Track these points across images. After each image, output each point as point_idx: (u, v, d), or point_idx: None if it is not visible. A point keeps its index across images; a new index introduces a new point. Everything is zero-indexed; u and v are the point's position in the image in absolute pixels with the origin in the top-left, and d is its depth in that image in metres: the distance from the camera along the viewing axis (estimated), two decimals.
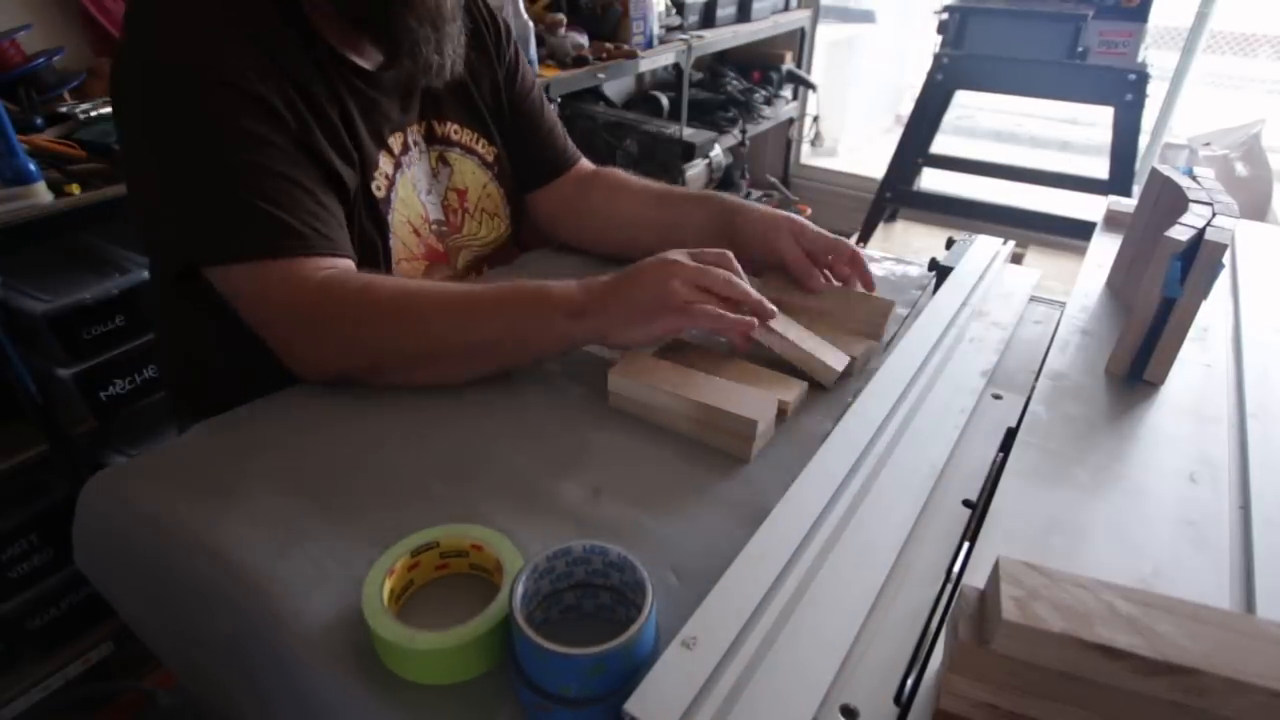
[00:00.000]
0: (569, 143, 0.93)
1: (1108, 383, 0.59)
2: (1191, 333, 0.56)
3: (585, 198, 0.89)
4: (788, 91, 2.83)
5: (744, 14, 2.45)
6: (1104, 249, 0.77)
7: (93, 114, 1.16)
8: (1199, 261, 0.52)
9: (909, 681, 0.36)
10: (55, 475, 1.14)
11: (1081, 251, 0.81)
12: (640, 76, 2.47)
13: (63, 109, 1.16)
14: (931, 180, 2.87)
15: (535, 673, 0.36)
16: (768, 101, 2.65)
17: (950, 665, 0.32)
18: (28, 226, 0.94)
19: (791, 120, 2.94)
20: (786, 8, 2.69)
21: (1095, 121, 3.10)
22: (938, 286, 0.76)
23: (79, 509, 0.55)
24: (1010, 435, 0.54)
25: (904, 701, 0.35)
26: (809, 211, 2.82)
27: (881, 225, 2.65)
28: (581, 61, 1.81)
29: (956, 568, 0.43)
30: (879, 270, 0.86)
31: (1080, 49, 2.06)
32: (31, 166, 0.95)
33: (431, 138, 0.80)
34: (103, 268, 1.10)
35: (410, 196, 0.77)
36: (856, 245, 0.76)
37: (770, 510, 0.44)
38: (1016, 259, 0.85)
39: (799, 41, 2.84)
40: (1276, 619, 0.32)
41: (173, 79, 0.59)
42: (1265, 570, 0.41)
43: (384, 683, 0.39)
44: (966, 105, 3.56)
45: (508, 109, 0.87)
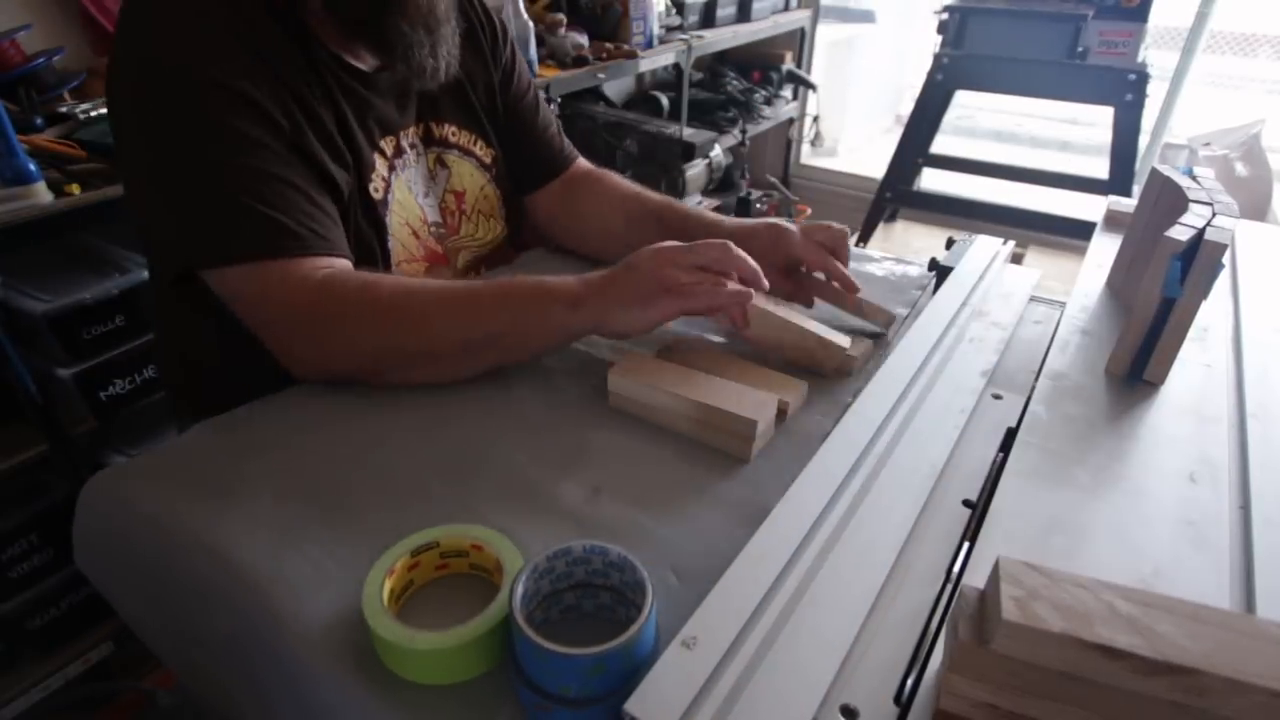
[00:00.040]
0: (566, 144, 0.93)
1: (1108, 383, 0.59)
2: (1191, 333, 0.56)
3: (575, 199, 0.90)
4: (788, 91, 2.83)
5: (744, 14, 2.45)
6: (1104, 249, 0.77)
7: (93, 114, 1.16)
8: (1199, 261, 0.52)
9: (909, 681, 0.36)
10: (55, 475, 1.14)
11: (1081, 251, 0.81)
12: (640, 76, 2.47)
13: (63, 109, 1.16)
14: (931, 180, 2.87)
15: (535, 673, 0.36)
16: (768, 101, 2.65)
17: (950, 665, 0.32)
18: (28, 226, 0.94)
19: (791, 120, 2.94)
20: (786, 8, 2.69)
21: (1095, 121, 3.10)
22: (938, 286, 0.76)
23: (79, 509, 0.55)
24: (1010, 435, 0.54)
25: (904, 701, 0.35)
26: (809, 212, 2.82)
27: (881, 225, 2.65)
28: (581, 61, 1.81)
29: (956, 568, 0.43)
30: (879, 270, 0.86)
31: (1080, 49, 2.06)
32: (31, 166, 0.95)
33: (429, 139, 0.80)
34: (103, 268, 1.10)
35: (407, 199, 0.77)
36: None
37: (770, 510, 0.44)
38: (1016, 259, 0.85)
39: (799, 41, 2.84)
40: (1276, 619, 0.32)
41: (167, 82, 0.59)
42: (1265, 570, 0.41)
43: (384, 683, 0.39)
44: (966, 105, 3.56)
45: (503, 111, 0.87)
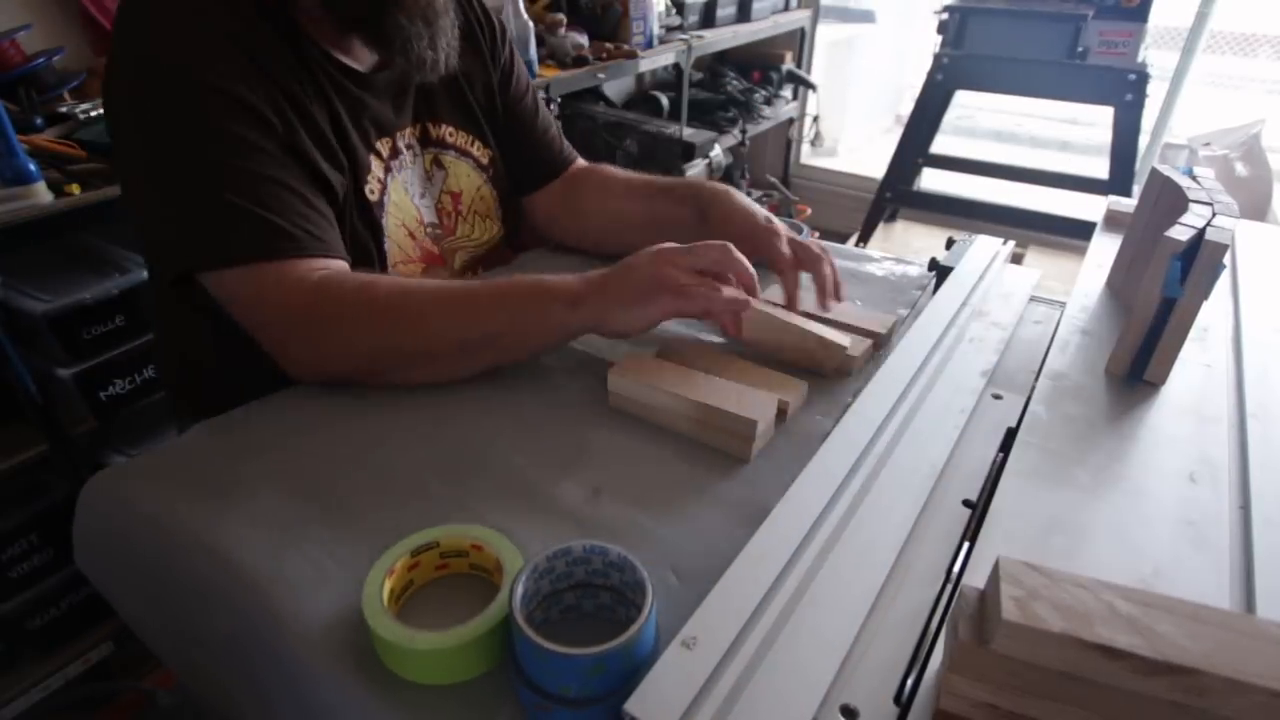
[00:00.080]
0: (564, 144, 0.93)
1: (1108, 383, 0.59)
2: (1191, 333, 0.56)
3: (576, 197, 0.90)
4: (788, 91, 2.83)
5: (744, 14, 2.45)
6: (1104, 249, 0.77)
7: (93, 114, 1.16)
8: (1199, 262, 0.52)
9: (909, 681, 0.36)
10: (55, 475, 1.14)
11: (1081, 251, 0.81)
12: (640, 76, 2.47)
13: (63, 109, 1.16)
14: (931, 180, 2.87)
15: (535, 673, 0.36)
16: (768, 101, 2.65)
17: (950, 665, 0.32)
18: (28, 226, 0.94)
19: (791, 120, 2.94)
20: (786, 8, 2.69)
21: (1095, 121, 3.09)
22: (938, 286, 0.76)
23: (79, 509, 0.55)
24: (1010, 435, 0.54)
25: (904, 701, 0.35)
26: (809, 212, 2.82)
27: (881, 225, 2.65)
28: (581, 61, 1.81)
29: (956, 568, 0.43)
30: (879, 270, 0.86)
31: (1080, 49, 2.06)
32: (31, 166, 0.95)
33: (426, 140, 0.80)
34: (103, 268, 1.10)
35: (403, 200, 0.77)
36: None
37: (770, 510, 0.44)
38: (1016, 259, 0.85)
39: (799, 41, 2.84)
40: (1276, 619, 0.32)
41: (164, 81, 0.59)
42: (1265, 570, 0.41)
43: (384, 683, 0.39)
44: (966, 105, 3.55)
45: (502, 113, 0.87)
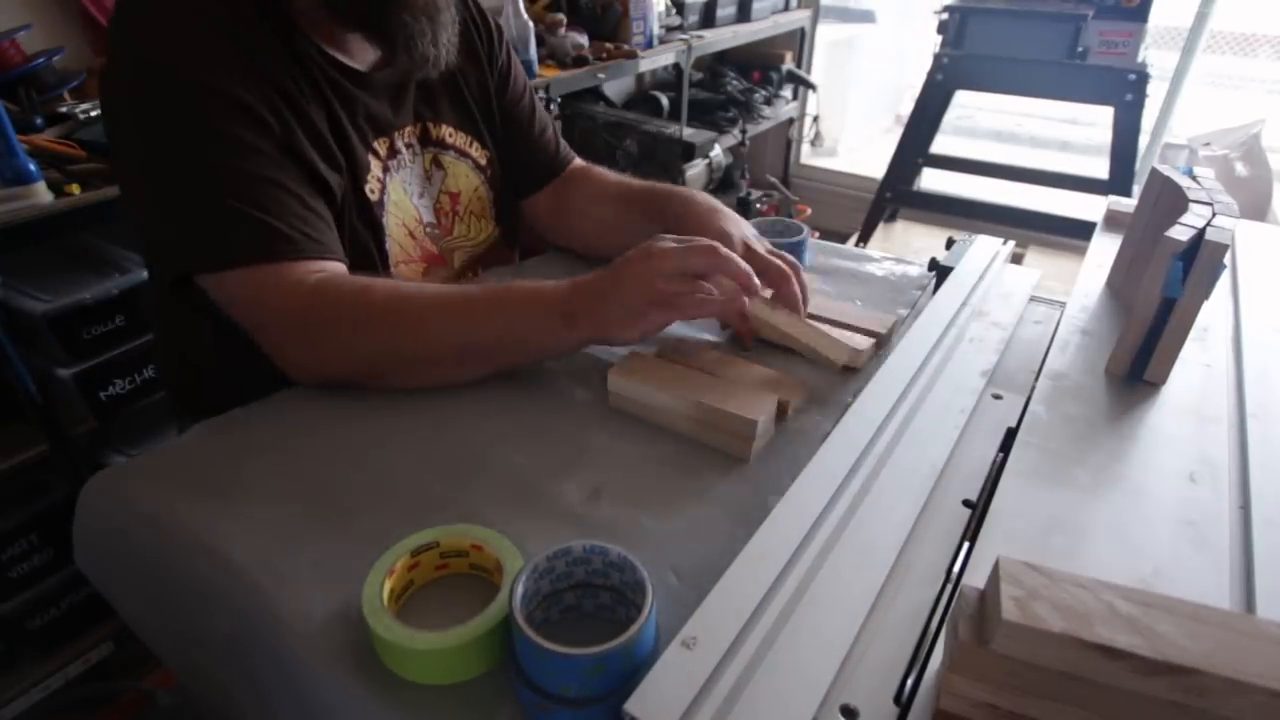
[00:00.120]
0: (561, 145, 0.93)
1: (1108, 383, 0.59)
2: (1191, 333, 0.56)
3: (568, 200, 0.90)
4: (788, 91, 2.83)
5: (744, 14, 2.45)
6: (1104, 249, 0.77)
7: (93, 114, 1.16)
8: (1200, 262, 0.52)
9: (909, 681, 0.36)
10: (55, 475, 1.14)
11: (1081, 251, 0.81)
12: (640, 76, 2.47)
13: (63, 109, 1.16)
14: (931, 180, 2.87)
15: (535, 673, 0.36)
16: (768, 101, 2.65)
17: (950, 665, 0.32)
18: (28, 226, 0.94)
19: (791, 120, 2.94)
20: (786, 8, 2.69)
21: (1095, 121, 3.09)
22: (938, 286, 0.76)
23: (79, 509, 0.55)
24: (1010, 435, 0.54)
25: (904, 701, 0.35)
26: (809, 212, 2.82)
27: (881, 225, 2.65)
28: (581, 61, 1.81)
29: (956, 568, 0.43)
30: (879, 270, 0.86)
31: (1080, 49, 2.06)
32: (31, 166, 0.95)
33: (426, 140, 0.80)
34: (103, 268, 1.10)
35: (403, 199, 0.77)
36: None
37: (770, 510, 0.44)
38: (1016, 259, 0.85)
39: (799, 41, 2.84)
40: (1276, 619, 0.32)
41: (163, 81, 0.59)
42: (1265, 570, 0.41)
43: (384, 683, 0.39)
44: (966, 105, 3.55)
45: (500, 115, 0.87)
